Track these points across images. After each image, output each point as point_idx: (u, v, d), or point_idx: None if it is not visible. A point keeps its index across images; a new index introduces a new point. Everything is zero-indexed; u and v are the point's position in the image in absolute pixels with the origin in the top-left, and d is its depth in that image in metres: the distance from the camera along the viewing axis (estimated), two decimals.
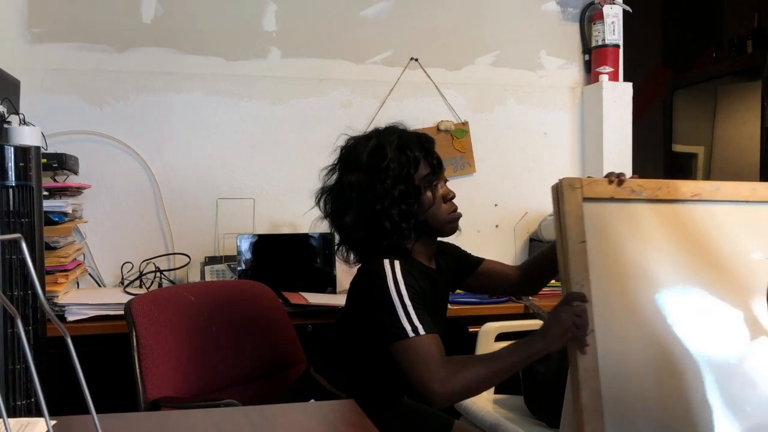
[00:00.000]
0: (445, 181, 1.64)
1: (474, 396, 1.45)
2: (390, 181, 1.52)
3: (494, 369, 1.37)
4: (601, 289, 1.40)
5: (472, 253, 1.83)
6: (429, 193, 1.57)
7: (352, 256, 1.64)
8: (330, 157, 1.65)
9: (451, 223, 1.61)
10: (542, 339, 1.37)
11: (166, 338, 1.71)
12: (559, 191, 1.41)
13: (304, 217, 2.62)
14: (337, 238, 1.64)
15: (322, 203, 1.62)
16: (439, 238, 1.66)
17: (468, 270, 1.78)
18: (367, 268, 1.55)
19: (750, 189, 1.55)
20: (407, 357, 1.42)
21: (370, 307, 1.50)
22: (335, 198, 1.59)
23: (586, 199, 1.41)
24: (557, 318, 1.34)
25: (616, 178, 1.42)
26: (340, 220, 1.58)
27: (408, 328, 1.42)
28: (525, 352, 1.38)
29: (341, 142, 1.64)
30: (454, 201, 1.63)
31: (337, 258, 2.33)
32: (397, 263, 1.49)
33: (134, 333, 1.67)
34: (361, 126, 2.60)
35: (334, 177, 1.61)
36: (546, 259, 1.73)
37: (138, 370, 1.64)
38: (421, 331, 1.42)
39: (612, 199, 1.42)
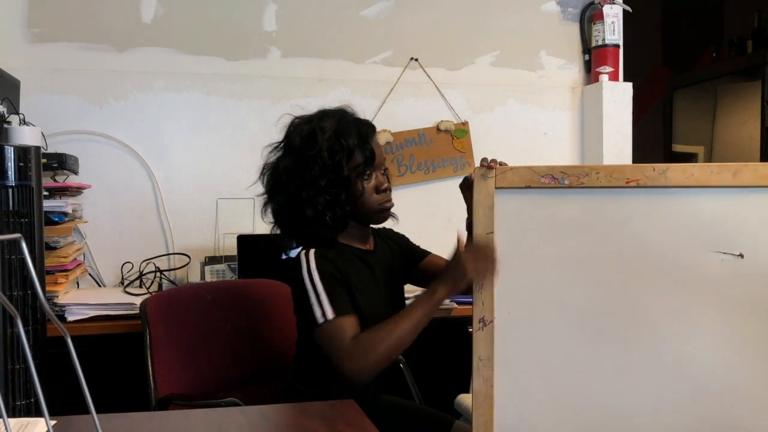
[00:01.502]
0: (384, 171, 1.61)
1: (393, 359, 1.46)
2: (318, 169, 1.50)
3: (403, 331, 1.42)
4: (507, 280, 1.40)
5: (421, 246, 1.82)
6: (359, 183, 1.54)
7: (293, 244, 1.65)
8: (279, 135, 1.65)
9: (380, 213, 1.59)
10: (443, 283, 1.43)
11: (180, 337, 1.72)
12: (474, 181, 1.43)
13: None
14: (269, 217, 1.63)
15: (264, 179, 1.61)
16: (378, 225, 1.67)
17: (413, 261, 1.75)
18: (290, 263, 1.57)
19: (707, 172, 1.33)
20: (323, 343, 1.47)
21: (295, 301, 1.54)
22: (271, 178, 1.59)
23: (499, 189, 1.41)
24: (456, 260, 1.41)
25: (488, 164, 1.41)
26: (272, 201, 1.59)
27: (318, 314, 1.46)
28: (428, 302, 1.44)
29: (287, 120, 1.63)
30: (388, 192, 1.61)
31: None
32: (311, 252, 1.51)
33: (148, 331, 1.67)
34: None
35: (277, 155, 1.60)
36: None
37: (150, 367, 1.65)
38: (330, 315, 1.45)
39: (528, 188, 1.40)
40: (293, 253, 1.60)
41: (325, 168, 1.51)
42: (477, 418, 1.41)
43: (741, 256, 1.31)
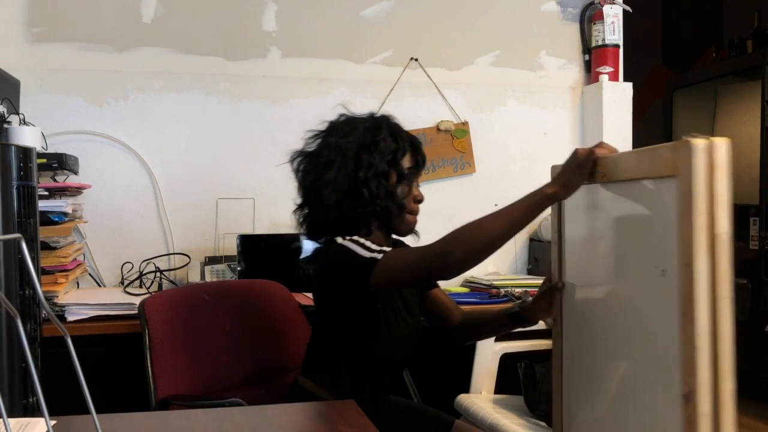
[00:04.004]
0: (418, 185, 1.63)
1: (483, 257, 1.29)
2: (377, 156, 1.53)
3: (497, 223, 1.30)
4: (571, 277, 1.41)
5: None
6: (405, 185, 1.57)
7: (303, 228, 1.64)
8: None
9: (408, 223, 1.59)
10: (554, 180, 1.28)
11: (179, 337, 1.71)
12: None
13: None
14: (299, 199, 1.63)
15: (296, 163, 1.62)
16: (398, 238, 1.67)
17: (422, 287, 1.75)
18: (326, 258, 1.56)
19: (635, 160, 1.09)
20: (396, 270, 1.40)
21: (339, 278, 1.50)
22: (314, 158, 1.58)
23: None
24: (568, 160, 1.27)
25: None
26: (314, 180, 1.57)
27: (375, 254, 1.42)
28: (531, 197, 1.28)
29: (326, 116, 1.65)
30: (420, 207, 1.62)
31: None
32: (356, 237, 1.50)
33: (147, 331, 1.67)
34: None
35: (317, 143, 1.61)
36: (486, 320, 1.72)
37: (149, 368, 1.65)
38: (387, 249, 1.44)
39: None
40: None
41: (383, 156, 1.53)
42: (554, 412, 1.44)
43: (663, 272, 1.03)
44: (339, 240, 1.50)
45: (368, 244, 1.46)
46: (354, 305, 1.52)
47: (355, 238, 1.49)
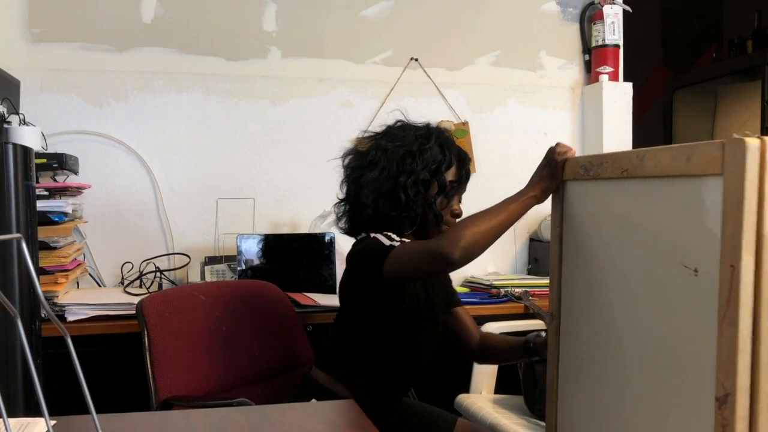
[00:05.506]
0: (460, 200, 1.65)
1: (484, 246, 1.36)
2: (421, 164, 1.55)
3: (495, 219, 1.38)
4: (570, 274, 1.40)
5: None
6: (445, 199, 1.59)
7: (341, 223, 1.67)
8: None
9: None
10: (531, 181, 1.43)
11: (178, 338, 1.72)
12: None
13: (305, 216, 2.63)
14: (342, 193, 1.66)
15: (346, 160, 1.65)
16: None
17: (446, 303, 1.77)
18: (358, 249, 1.57)
19: (669, 157, 1.03)
20: (403, 257, 1.43)
21: (363, 267, 1.52)
22: (361, 157, 1.62)
23: (566, 181, 1.40)
24: (541, 163, 1.42)
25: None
26: (357, 178, 1.60)
27: (395, 243, 1.47)
28: (519, 196, 1.42)
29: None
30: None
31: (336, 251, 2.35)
32: (387, 234, 1.54)
33: (146, 332, 1.67)
34: (362, 126, 2.61)
35: (370, 144, 1.64)
36: (503, 346, 1.76)
37: (150, 370, 1.65)
38: (407, 241, 1.48)
39: (574, 180, 1.36)
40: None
41: (427, 165, 1.56)
42: (548, 408, 1.43)
43: (696, 271, 0.99)
44: (372, 234, 1.54)
45: (393, 236, 1.51)
46: (378, 300, 1.53)
47: (386, 232, 1.53)
